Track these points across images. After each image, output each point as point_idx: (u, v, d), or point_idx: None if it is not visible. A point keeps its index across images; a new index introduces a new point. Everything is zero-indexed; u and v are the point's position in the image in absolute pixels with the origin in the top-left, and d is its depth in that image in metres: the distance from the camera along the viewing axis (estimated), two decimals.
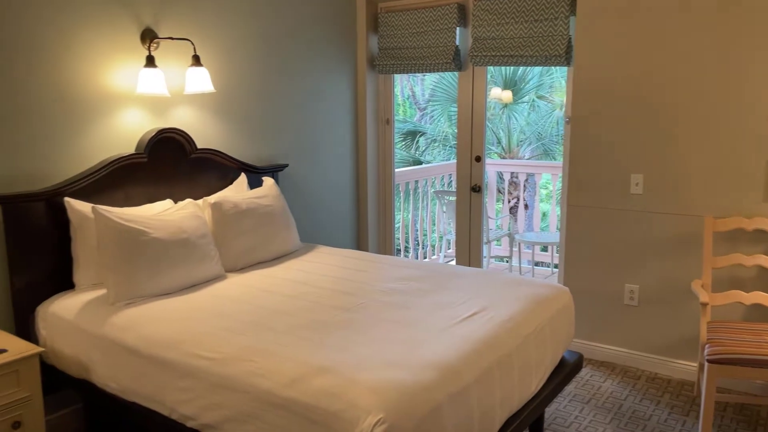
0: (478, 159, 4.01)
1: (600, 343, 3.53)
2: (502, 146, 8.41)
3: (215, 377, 1.95)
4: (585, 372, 3.37)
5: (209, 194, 3.14)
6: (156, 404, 2.13)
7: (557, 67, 6.43)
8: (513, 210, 7.21)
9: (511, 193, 7.46)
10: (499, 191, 6.33)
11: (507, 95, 7.89)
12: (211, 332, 2.14)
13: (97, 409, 2.72)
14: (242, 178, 3.34)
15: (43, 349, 2.26)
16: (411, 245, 5.21)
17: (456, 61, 3.89)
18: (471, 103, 3.99)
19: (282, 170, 3.70)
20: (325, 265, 2.97)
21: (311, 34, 3.89)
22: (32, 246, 2.55)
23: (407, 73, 4.20)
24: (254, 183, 3.39)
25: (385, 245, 4.55)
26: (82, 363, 2.36)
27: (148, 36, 2.92)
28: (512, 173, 6.90)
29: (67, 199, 2.59)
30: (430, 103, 9.00)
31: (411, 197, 5.04)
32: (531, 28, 3.53)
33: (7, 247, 2.49)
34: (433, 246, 5.67)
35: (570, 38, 3.44)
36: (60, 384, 2.52)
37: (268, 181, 3.33)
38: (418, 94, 9.86)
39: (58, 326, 2.44)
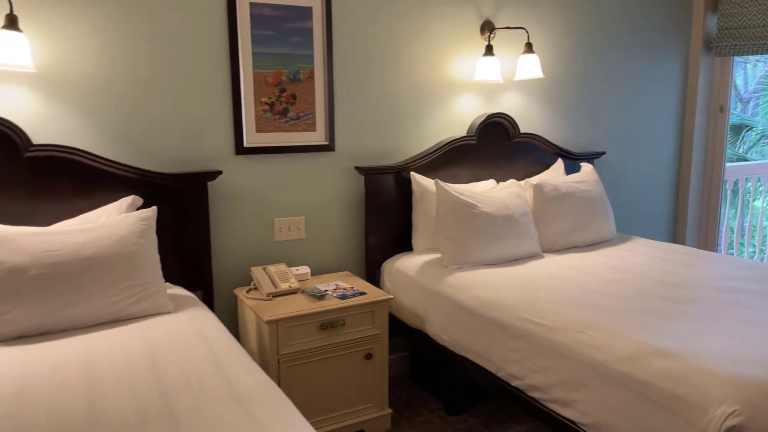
0: None
1: None
2: None
3: (545, 342, 2.06)
4: None
5: (526, 177, 3.28)
6: (484, 360, 2.34)
7: None
8: None
9: None
10: None
11: None
12: (539, 301, 2.25)
13: (421, 358, 3.09)
14: (559, 163, 3.39)
15: (392, 296, 2.66)
16: (735, 246, 4.65)
17: None
18: None
19: (599, 158, 3.65)
20: (644, 256, 2.86)
21: (639, 20, 3.74)
22: (382, 212, 3.01)
23: (753, 54, 3.72)
24: (569, 169, 3.42)
25: (706, 243, 4.13)
26: (419, 314, 2.71)
27: (487, 27, 3.17)
28: None
29: (413, 173, 2.98)
30: (761, 93, 7.78)
31: (740, 195, 4.50)
32: None
33: (365, 212, 2.99)
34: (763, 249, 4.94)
35: None
36: (395, 331, 2.93)
37: (586, 167, 3.33)
38: (740, 85, 8.61)
39: (400, 280, 2.84)
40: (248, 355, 1.81)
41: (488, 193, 2.93)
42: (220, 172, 2.60)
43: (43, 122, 2.31)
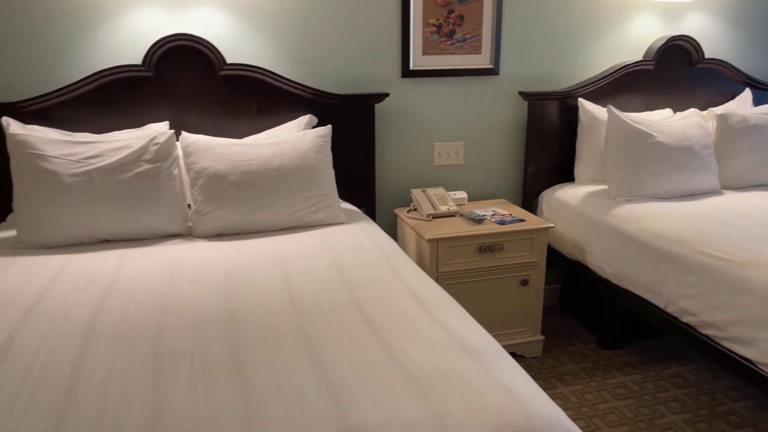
0: None
1: None
2: None
3: (729, 278, 1.93)
4: None
5: (707, 107, 3.00)
6: (651, 294, 2.26)
7: None
8: None
9: None
10: None
11: None
12: (721, 235, 2.10)
13: (575, 290, 3.04)
14: (747, 94, 3.06)
15: (553, 225, 2.63)
16: None
17: None
18: None
19: None
20: None
21: None
22: (544, 140, 2.92)
23: None
24: (758, 101, 3.07)
25: None
26: (579, 245, 2.66)
27: None
28: None
29: (580, 99, 2.85)
30: None
31: None
32: None
33: (526, 139, 2.93)
34: None
35: None
36: (550, 262, 2.89)
37: None
38: None
39: (560, 210, 2.78)
40: (417, 266, 1.90)
41: (665, 122, 2.73)
42: (387, 95, 2.66)
43: (234, 43, 2.50)
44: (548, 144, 2.93)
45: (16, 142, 2.04)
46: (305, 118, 2.51)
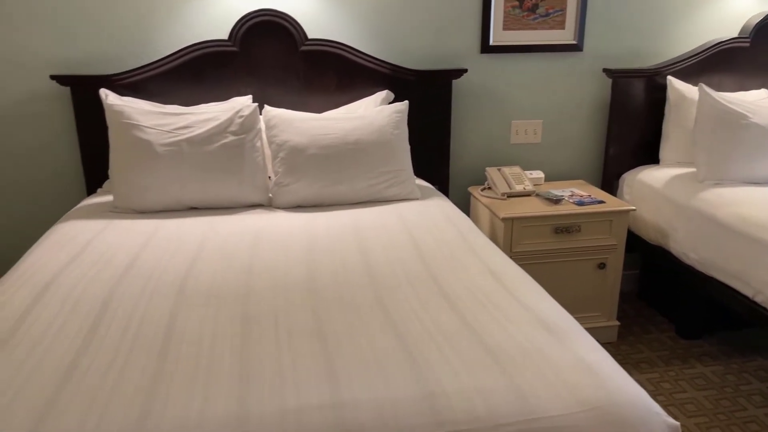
0: None
1: None
2: None
3: None
4: None
5: None
6: (739, 283, 2.15)
7: None
8: None
9: None
10: None
11: None
12: None
13: (654, 277, 2.93)
14: None
15: (635, 208, 2.54)
16: None
17: None
18: None
19: None
20: None
21: None
22: (628, 119, 2.81)
23: None
24: None
25: None
26: (662, 230, 2.55)
27: None
28: None
29: (669, 77, 2.72)
30: None
31: None
32: None
33: (609, 118, 2.82)
34: None
35: None
36: (628, 247, 2.80)
37: None
38: None
39: (643, 193, 2.68)
40: (494, 244, 1.89)
41: (761, 103, 2.56)
42: (466, 71, 2.63)
43: (315, 18, 2.53)
44: (632, 124, 2.82)
45: (114, 112, 2.17)
46: (382, 94, 2.53)
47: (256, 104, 2.26)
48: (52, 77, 2.34)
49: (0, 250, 2.56)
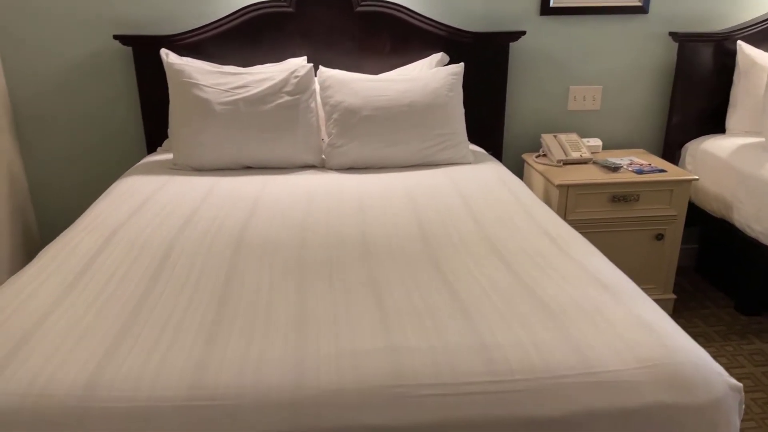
0: None
1: None
2: None
3: None
4: None
5: None
6: None
7: None
8: None
9: None
10: None
11: None
12: None
13: (714, 251, 2.83)
14: None
15: (698, 177, 2.44)
16: None
17: None
18: None
19: None
20: None
21: None
22: (693, 86, 2.68)
23: None
24: None
25: None
26: (726, 201, 2.45)
27: None
28: None
29: (740, 42, 2.58)
30: None
31: None
32: None
33: (673, 85, 2.71)
34: None
35: None
36: (689, 221, 2.70)
37: None
38: None
39: (707, 163, 2.57)
40: (548, 207, 1.85)
41: None
42: (524, 33, 2.56)
43: None
44: (697, 91, 2.69)
45: (174, 71, 2.21)
46: (437, 56, 2.49)
47: (311, 65, 2.26)
48: (116, 37, 2.40)
49: (67, 204, 2.68)
